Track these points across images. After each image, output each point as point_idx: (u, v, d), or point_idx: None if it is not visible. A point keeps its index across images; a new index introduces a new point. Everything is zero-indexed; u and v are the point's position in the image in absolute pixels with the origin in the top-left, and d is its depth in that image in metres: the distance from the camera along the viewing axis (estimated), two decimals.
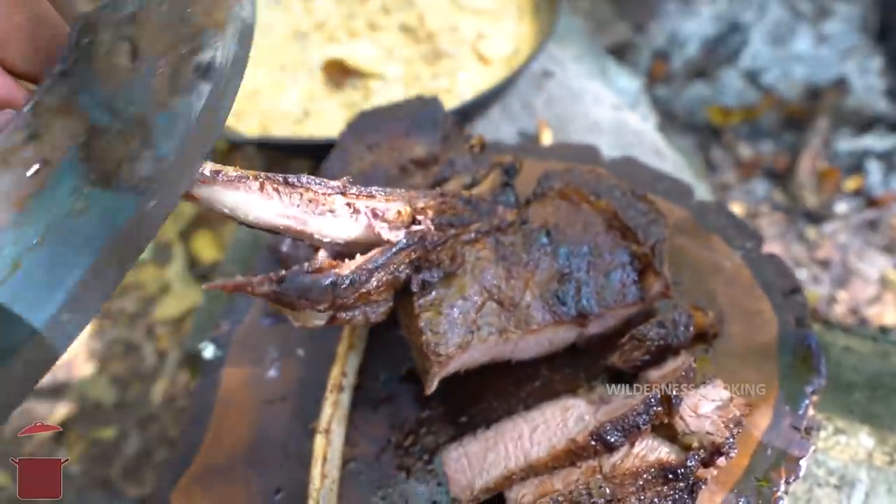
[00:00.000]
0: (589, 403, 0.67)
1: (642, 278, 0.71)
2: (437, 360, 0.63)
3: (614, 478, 0.61)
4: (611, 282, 0.70)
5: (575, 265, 0.69)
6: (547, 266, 0.69)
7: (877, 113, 1.52)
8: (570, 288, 0.69)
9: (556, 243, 0.70)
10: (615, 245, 0.71)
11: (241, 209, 0.56)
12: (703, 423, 0.63)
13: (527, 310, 0.67)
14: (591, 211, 0.72)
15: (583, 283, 0.69)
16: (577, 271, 0.69)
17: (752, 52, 1.63)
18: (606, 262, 0.70)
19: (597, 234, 0.71)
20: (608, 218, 0.72)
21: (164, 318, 1.33)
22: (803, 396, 0.68)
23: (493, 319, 0.66)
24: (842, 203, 1.40)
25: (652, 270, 0.71)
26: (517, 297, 0.67)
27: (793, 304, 0.75)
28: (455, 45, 1.15)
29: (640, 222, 0.72)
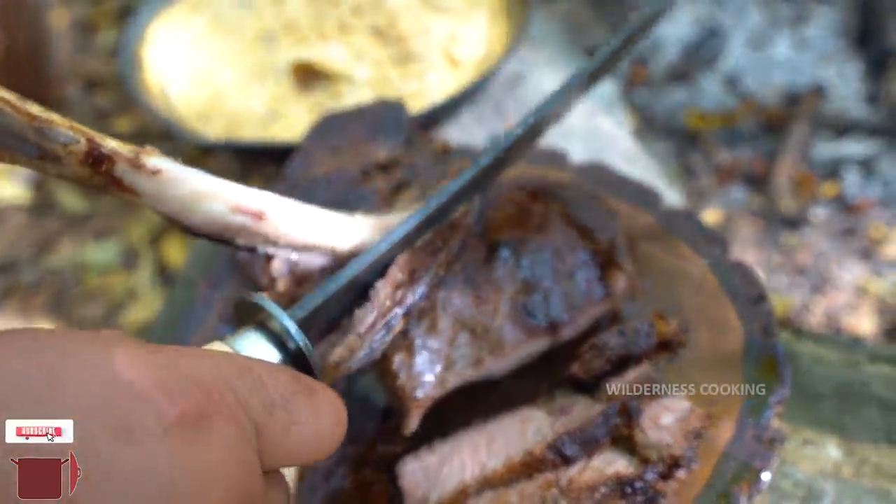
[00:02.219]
0: (548, 414, 0.66)
1: (606, 275, 0.69)
2: (416, 404, 0.61)
3: (571, 491, 0.59)
4: (575, 283, 0.68)
5: (539, 273, 0.67)
6: (511, 280, 0.66)
7: (855, 119, 1.52)
8: (538, 298, 0.66)
9: (518, 254, 0.67)
10: (573, 245, 0.69)
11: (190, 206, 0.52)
12: (662, 435, 0.61)
13: (499, 332, 0.65)
14: (544, 214, 0.70)
15: (549, 290, 0.67)
16: (542, 279, 0.67)
17: (731, 56, 1.63)
18: (568, 264, 0.68)
19: (554, 237, 0.69)
20: (561, 219, 0.70)
21: (131, 325, 1.31)
22: (767, 407, 0.67)
23: (467, 350, 0.64)
24: (819, 209, 1.39)
25: (614, 265, 0.69)
26: (488, 321, 0.65)
27: (759, 313, 0.73)
28: (426, 48, 1.13)
29: (594, 219, 0.70)
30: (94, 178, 0.47)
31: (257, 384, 0.38)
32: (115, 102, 1.61)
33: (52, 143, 0.44)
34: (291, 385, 0.40)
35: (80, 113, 1.60)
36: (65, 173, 0.46)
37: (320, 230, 0.61)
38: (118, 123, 1.58)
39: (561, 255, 0.68)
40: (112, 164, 0.47)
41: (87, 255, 1.37)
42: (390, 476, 0.66)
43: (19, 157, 0.45)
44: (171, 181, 0.50)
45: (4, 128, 0.43)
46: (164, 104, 1.11)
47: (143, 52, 1.17)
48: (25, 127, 0.43)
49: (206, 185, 0.53)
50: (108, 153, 0.47)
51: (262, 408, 0.38)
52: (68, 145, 0.45)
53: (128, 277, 1.34)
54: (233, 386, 0.37)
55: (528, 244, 0.68)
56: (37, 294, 1.33)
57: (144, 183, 0.49)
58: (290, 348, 0.46)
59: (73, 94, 1.62)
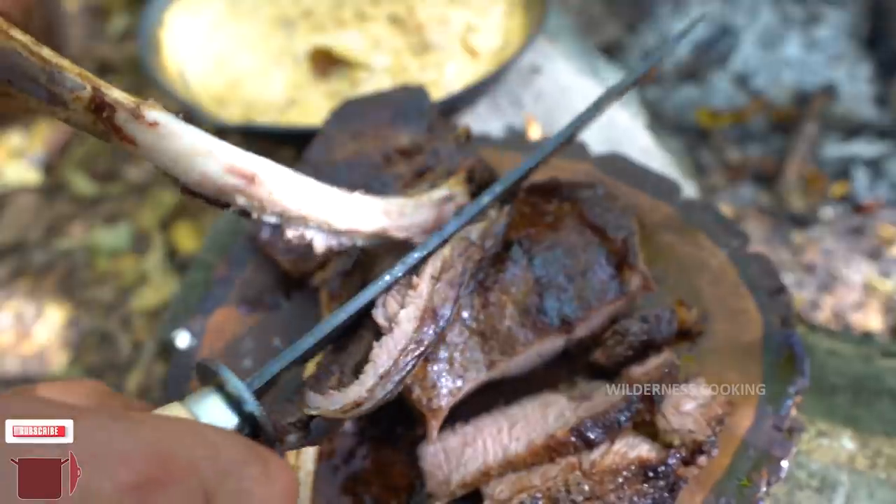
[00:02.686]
0: (570, 399, 0.66)
1: (620, 274, 0.69)
2: (433, 415, 0.61)
3: (593, 475, 0.60)
4: (589, 282, 0.68)
5: (552, 272, 0.67)
6: (522, 280, 0.66)
7: (865, 119, 1.52)
8: (550, 297, 0.66)
9: (530, 253, 0.67)
10: (587, 244, 0.69)
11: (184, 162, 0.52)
12: (685, 421, 0.62)
13: (508, 332, 0.65)
14: (557, 213, 0.70)
15: (562, 289, 0.67)
16: (554, 278, 0.67)
17: (742, 55, 1.63)
18: (582, 263, 0.68)
19: (568, 236, 0.69)
20: (575, 218, 0.71)
21: (140, 309, 1.31)
22: (786, 397, 0.67)
23: (479, 356, 0.64)
24: (828, 208, 1.40)
25: (627, 265, 0.70)
26: (497, 323, 0.65)
27: (778, 304, 0.74)
28: (444, 38, 1.13)
29: (607, 218, 0.70)
30: (97, 124, 0.49)
31: (211, 452, 0.40)
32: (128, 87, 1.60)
33: (60, 87, 0.46)
34: (244, 454, 0.42)
35: None
36: (71, 118, 0.48)
37: (314, 201, 0.60)
38: None
39: (574, 253, 0.68)
40: (113, 112, 0.49)
41: (97, 238, 1.37)
42: (411, 457, 0.66)
43: (32, 100, 0.46)
44: (168, 135, 0.51)
45: (19, 69, 0.45)
46: (182, 87, 1.11)
47: (160, 36, 1.17)
48: (38, 69, 0.45)
49: (202, 143, 0.53)
50: (110, 101, 0.49)
51: (215, 475, 0.40)
52: (74, 91, 0.47)
53: (138, 261, 1.34)
54: (188, 454, 0.39)
55: (540, 243, 0.68)
56: (47, 276, 1.33)
57: (143, 133, 0.50)
58: (246, 412, 0.47)
59: None
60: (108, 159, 1.51)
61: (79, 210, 1.43)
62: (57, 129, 1.55)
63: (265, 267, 0.83)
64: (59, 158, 1.51)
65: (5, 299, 1.31)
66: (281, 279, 0.82)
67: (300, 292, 0.80)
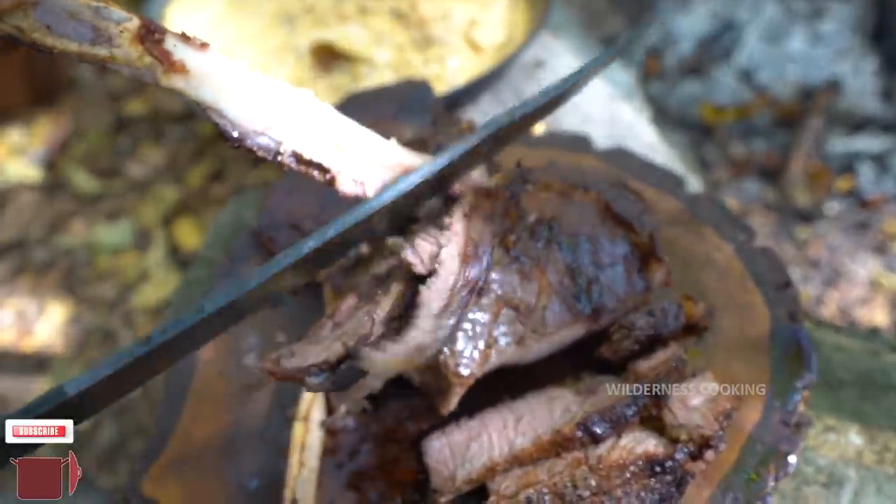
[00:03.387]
0: (576, 394, 0.65)
1: (644, 267, 0.69)
2: (459, 381, 0.59)
3: (600, 469, 0.59)
4: (617, 274, 0.67)
5: (581, 260, 0.66)
6: (555, 262, 0.65)
7: (869, 114, 1.52)
8: (583, 283, 0.66)
9: (558, 237, 0.66)
10: (613, 236, 0.68)
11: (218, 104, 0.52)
12: (692, 416, 0.61)
13: (543, 312, 0.64)
14: (583, 202, 0.69)
15: (593, 278, 0.66)
16: (584, 266, 0.66)
17: (746, 50, 1.62)
18: (608, 254, 0.67)
19: (593, 225, 0.68)
20: (600, 209, 0.70)
21: (142, 306, 1.31)
22: (794, 392, 0.67)
23: (510, 328, 0.62)
24: (833, 203, 1.39)
25: (654, 258, 0.69)
26: (532, 301, 0.63)
27: (785, 299, 0.73)
28: (446, 32, 1.12)
29: (633, 212, 0.70)
30: (144, 57, 0.49)
31: None
32: (128, 84, 1.60)
33: (107, 21, 0.47)
34: None
35: (93, 94, 1.59)
36: (116, 56, 0.48)
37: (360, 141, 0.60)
38: (131, 105, 1.57)
39: (599, 243, 0.67)
40: (163, 36, 0.49)
41: (99, 235, 1.36)
42: (416, 453, 0.66)
43: (70, 42, 0.46)
44: (218, 60, 0.51)
45: (62, 9, 0.45)
46: None
47: None
48: (83, 6, 0.46)
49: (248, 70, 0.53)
50: (158, 27, 0.49)
51: None
52: (122, 23, 0.47)
53: (140, 258, 1.33)
54: None
55: (567, 229, 0.67)
56: (49, 274, 1.33)
57: (194, 57, 0.50)
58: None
59: (86, 75, 1.62)
60: (108, 156, 1.50)
61: (80, 207, 1.43)
62: (57, 125, 1.54)
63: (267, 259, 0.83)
64: (59, 155, 1.50)
65: (7, 297, 1.31)
66: None
67: (304, 288, 0.79)
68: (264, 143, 0.55)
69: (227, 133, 0.54)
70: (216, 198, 1.40)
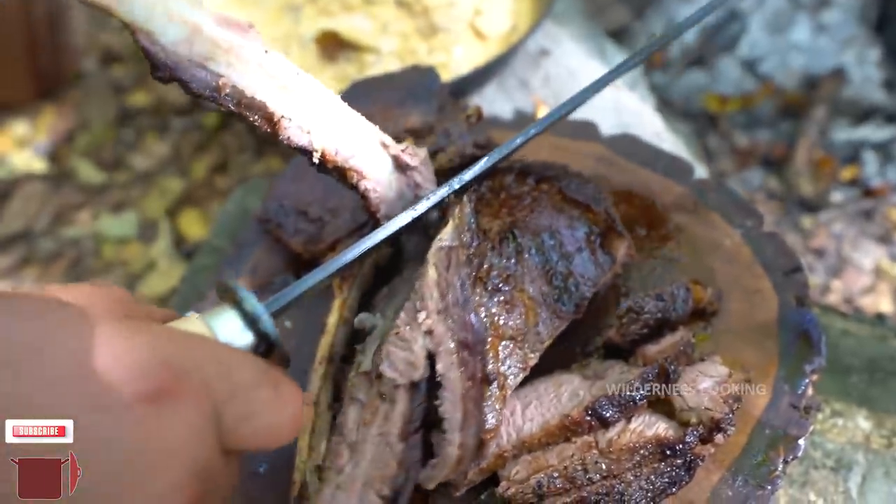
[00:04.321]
0: (583, 379, 0.65)
1: (606, 243, 0.68)
2: (491, 435, 0.58)
3: (610, 453, 0.59)
4: (584, 259, 0.67)
5: (551, 258, 0.65)
6: (530, 272, 0.64)
7: (874, 103, 1.51)
8: (560, 284, 0.65)
9: (524, 243, 0.65)
10: (570, 221, 0.67)
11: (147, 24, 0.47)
12: (701, 399, 0.61)
13: (535, 328, 0.63)
14: (534, 195, 0.68)
15: (565, 273, 0.65)
16: (554, 263, 0.65)
17: (750, 40, 1.62)
18: (571, 241, 0.67)
19: (552, 216, 0.67)
20: (553, 196, 0.69)
21: (148, 297, 1.31)
22: (803, 375, 0.67)
23: (513, 359, 0.61)
24: (837, 192, 1.39)
25: (615, 233, 0.68)
26: (522, 324, 0.62)
27: (793, 283, 0.73)
28: (451, 21, 1.12)
29: (587, 192, 0.69)
30: None
31: (224, 371, 0.40)
32: (132, 76, 1.60)
33: None
34: (257, 376, 0.42)
35: (97, 86, 1.59)
36: None
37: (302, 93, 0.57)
38: (135, 97, 1.57)
39: (561, 234, 0.67)
40: None
41: (104, 226, 1.37)
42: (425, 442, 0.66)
43: None
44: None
45: None
46: None
47: None
48: None
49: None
50: None
51: (226, 394, 0.40)
52: None
53: (145, 249, 1.34)
54: (201, 370, 0.39)
55: (529, 229, 0.66)
56: (55, 264, 1.33)
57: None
58: (262, 331, 0.46)
59: (90, 68, 1.61)
60: (113, 148, 1.50)
61: (85, 198, 1.43)
62: (62, 118, 1.54)
63: (275, 250, 0.83)
64: (64, 147, 1.50)
65: (14, 288, 1.31)
66: (291, 262, 0.81)
67: None
68: (201, 77, 0.51)
69: (157, 61, 0.48)
70: (220, 189, 1.40)
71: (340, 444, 0.56)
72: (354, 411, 0.56)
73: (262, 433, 0.42)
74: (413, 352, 0.53)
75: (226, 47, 0.52)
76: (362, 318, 0.63)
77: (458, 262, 0.58)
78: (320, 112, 0.59)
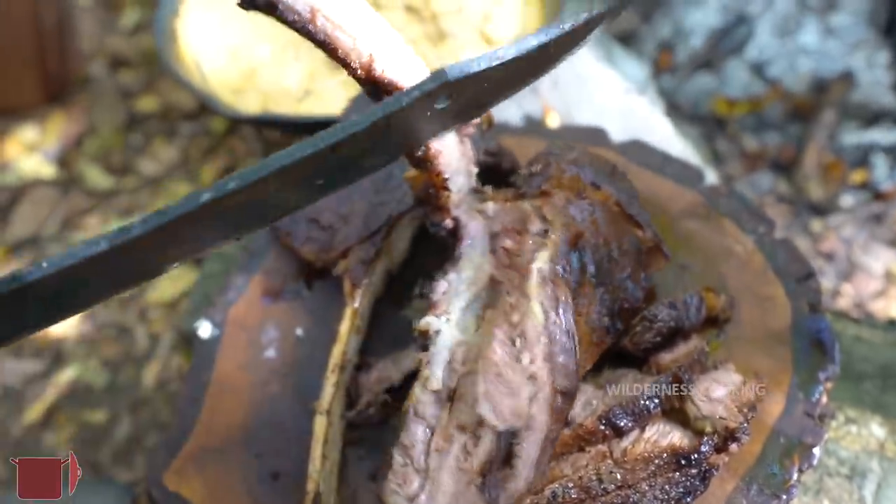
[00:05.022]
0: (596, 388, 0.65)
1: (647, 263, 0.68)
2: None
3: (625, 463, 0.59)
4: (633, 276, 0.65)
5: (606, 276, 0.61)
6: (590, 295, 0.59)
7: (883, 107, 1.51)
8: (615, 307, 0.62)
9: (588, 259, 0.60)
10: (621, 235, 0.65)
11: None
12: (715, 408, 0.61)
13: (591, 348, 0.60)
14: (593, 202, 0.65)
15: (617, 289, 0.62)
16: (610, 280, 0.62)
17: (758, 43, 1.61)
18: (622, 256, 0.64)
19: (609, 230, 0.64)
20: (610, 209, 0.66)
21: (157, 301, 1.31)
22: (817, 383, 0.67)
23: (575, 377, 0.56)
24: (847, 196, 1.39)
25: (660, 255, 0.69)
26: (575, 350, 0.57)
27: (806, 290, 0.73)
28: (460, 27, 1.12)
29: (639, 210, 0.68)
30: None
31: None
32: (141, 81, 1.60)
33: None
34: None
35: (105, 91, 1.60)
36: None
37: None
38: (143, 102, 1.58)
39: (615, 253, 0.64)
40: None
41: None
42: None
43: None
44: None
45: None
46: (199, 78, 1.11)
47: (176, 26, 1.17)
48: None
49: None
50: None
51: None
52: None
53: None
54: None
55: (588, 243, 0.62)
56: None
57: None
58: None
59: (99, 72, 1.62)
60: (121, 153, 1.51)
61: (94, 203, 1.43)
62: (71, 123, 1.55)
63: (286, 257, 0.83)
64: (73, 152, 1.51)
65: None
66: (303, 269, 0.81)
67: (322, 282, 0.80)
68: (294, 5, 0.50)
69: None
70: None
71: (407, 467, 0.53)
72: (422, 432, 0.54)
73: None
74: (520, 399, 0.51)
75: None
76: (428, 322, 0.58)
77: (567, 303, 0.54)
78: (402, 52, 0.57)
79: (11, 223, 1.41)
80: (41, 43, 1.49)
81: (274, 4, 0.51)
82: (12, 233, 1.39)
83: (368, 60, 0.54)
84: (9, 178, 1.47)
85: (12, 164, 1.49)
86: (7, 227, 1.40)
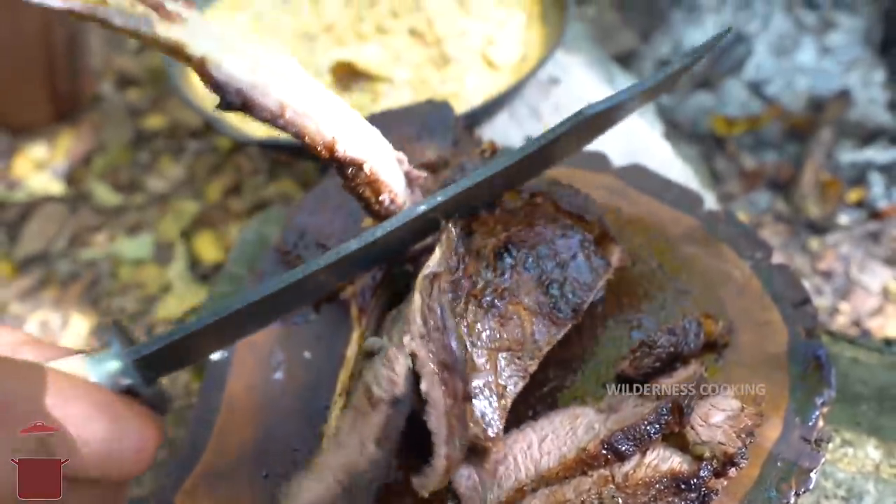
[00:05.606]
0: (598, 412, 0.67)
1: (600, 250, 0.72)
2: (493, 443, 0.61)
3: (627, 487, 0.61)
4: (578, 264, 0.70)
5: (546, 267, 0.69)
6: (526, 285, 0.67)
7: (879, 125, 1.53)
8: (555, 292, 0.68)
9: (520, 257, 0.68)
10: (564, 231, 0.70)
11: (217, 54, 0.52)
12: (714, 433, 0.63)
13: (532, 337, 0.66)
14: (528, 210, 0.71)
15: (562, 280, 0.69)
16: (550, 272, 0.69)
17: (756, 62, 1.64)
18: (566, 249, 0.70)
19: (546, 227, 0.70)
20: (546, 210, 0.72)
21: (165, 318, 1.33)
22: (814, 408, 0.68)
23: (512, 370, 0.64)
24: (844, 214, 1.40)
25: (608, 240, 0.73)
26: (519, 334, 0.66)
27: (803, 315, 0.75)
28: (463, 51, 1.14)
29: (579, 203, 0.72)
30: (136, 5, 0.50)
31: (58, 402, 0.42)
32: (148, 100, 1.63)
33: None
34: (90, 409, 0.44)
35: (114, 109, 1.62)
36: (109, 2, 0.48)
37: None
38: (151, 121, 1.60)
39: (555, 244, 0.70)
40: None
41: (120, 248, 1.39)
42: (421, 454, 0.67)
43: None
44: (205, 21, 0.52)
45: None
46: (206, 100, 1.13)
47: None
48: None
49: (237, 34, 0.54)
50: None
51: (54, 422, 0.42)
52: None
53: (161, 271, 1.36)
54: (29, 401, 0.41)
55: (525, 242, 0.69)
56: (72, 286, 1.35)
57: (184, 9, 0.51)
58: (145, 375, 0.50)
59: (107, 91, 1.64)
60: (129, 170, 1.53)
61: (102, 220, 1.45)
62: (79, 141, 1.57)
63: None
64: (81, 169, 1.53)
65: (32, 309, 1.33)
66: None
67: (330, 305, 0.81)
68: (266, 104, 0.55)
69: (226, 87, 0.54)
70: (234, 211, 1.42)
71: (330, 441, 0.61)
72: (350, 417, 0.61)
73: (98, 461, 0.44)
74: (395, 371, 0.58)
75: (280, 75, 0.56)
76: (371, 342, 0.65)
77: (441, 290, 0.62)
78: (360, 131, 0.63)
79: (21, 239, 1.43)
80: (51, 62, 1.52)
81: (249, 105, 0.56)
82: (22, 248, 1.41)
83: (331, 141, 0.61)
84: (19, 195, 1.49)
85: (22, 182, 1.51)
86: (17, 244, 1.42)
